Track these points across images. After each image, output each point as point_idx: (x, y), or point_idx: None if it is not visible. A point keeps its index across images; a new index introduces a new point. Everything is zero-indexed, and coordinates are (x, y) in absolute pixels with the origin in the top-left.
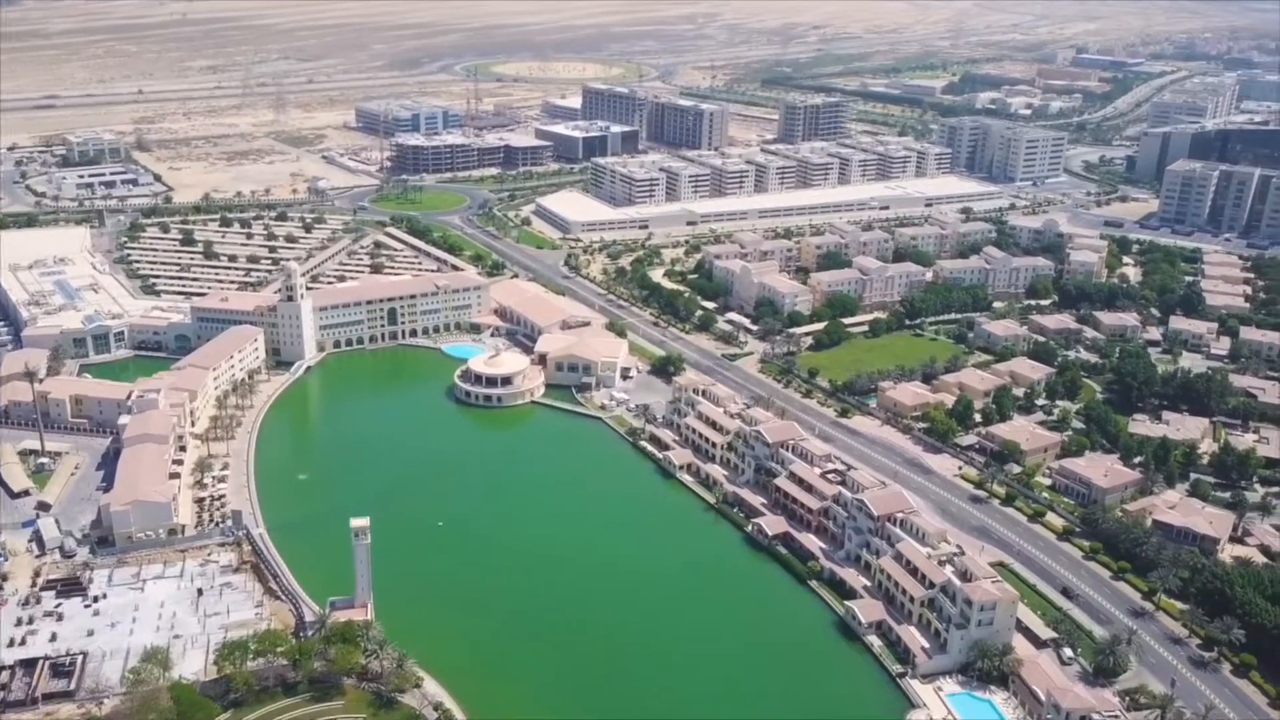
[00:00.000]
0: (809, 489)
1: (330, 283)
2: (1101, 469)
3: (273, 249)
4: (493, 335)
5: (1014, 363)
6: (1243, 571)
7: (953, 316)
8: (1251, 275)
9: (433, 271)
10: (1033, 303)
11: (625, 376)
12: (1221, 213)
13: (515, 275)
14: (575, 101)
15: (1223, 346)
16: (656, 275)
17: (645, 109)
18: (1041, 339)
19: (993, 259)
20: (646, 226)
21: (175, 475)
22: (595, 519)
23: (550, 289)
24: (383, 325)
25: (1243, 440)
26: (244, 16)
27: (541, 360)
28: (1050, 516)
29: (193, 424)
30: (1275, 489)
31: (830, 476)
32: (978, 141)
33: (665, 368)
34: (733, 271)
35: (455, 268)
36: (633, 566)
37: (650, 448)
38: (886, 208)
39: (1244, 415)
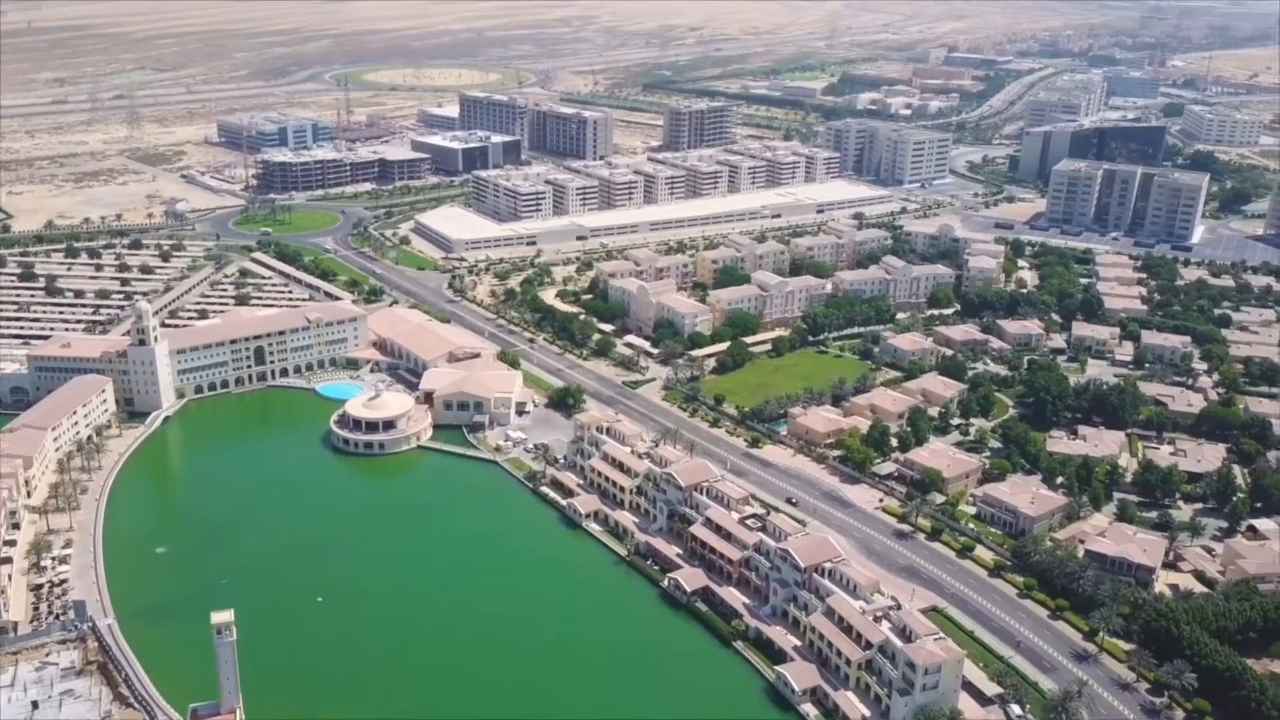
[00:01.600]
0: (728, 537)
1: (190, 319)
2: (1027, 495)
3: (125, 282)
4: (372, 371)
5: (925, 380)
6: (1187, 606)
7: (856, 331)
8: (1144, 275)
9: (305, 300)
10: (935, 312)
11: (521, 412)
12: (1107, 211)
13: (395, 301)
14: (453, 110)
15: (1126, 352)
16: (549, 296)
17: (526, 117)
18: (949, 352)
19: (893, 269)
20: (534, 243)
21: (5, 560)
22: (494, 579)
23: (434, 316)
24: (249, 366)
25: (1160, 454)
26: (96, 24)
27: (427, 399)
28: (980, 550)
29: (28, 495)
30: (1198, 504)
31: (750, 522)
32: (864, 144)
33: (564, 400)
34: (629, 291)
35: (330, 295)
36: (538, 633)
37: (552, 494)
38: (778, 215)
39: (1158, 426)
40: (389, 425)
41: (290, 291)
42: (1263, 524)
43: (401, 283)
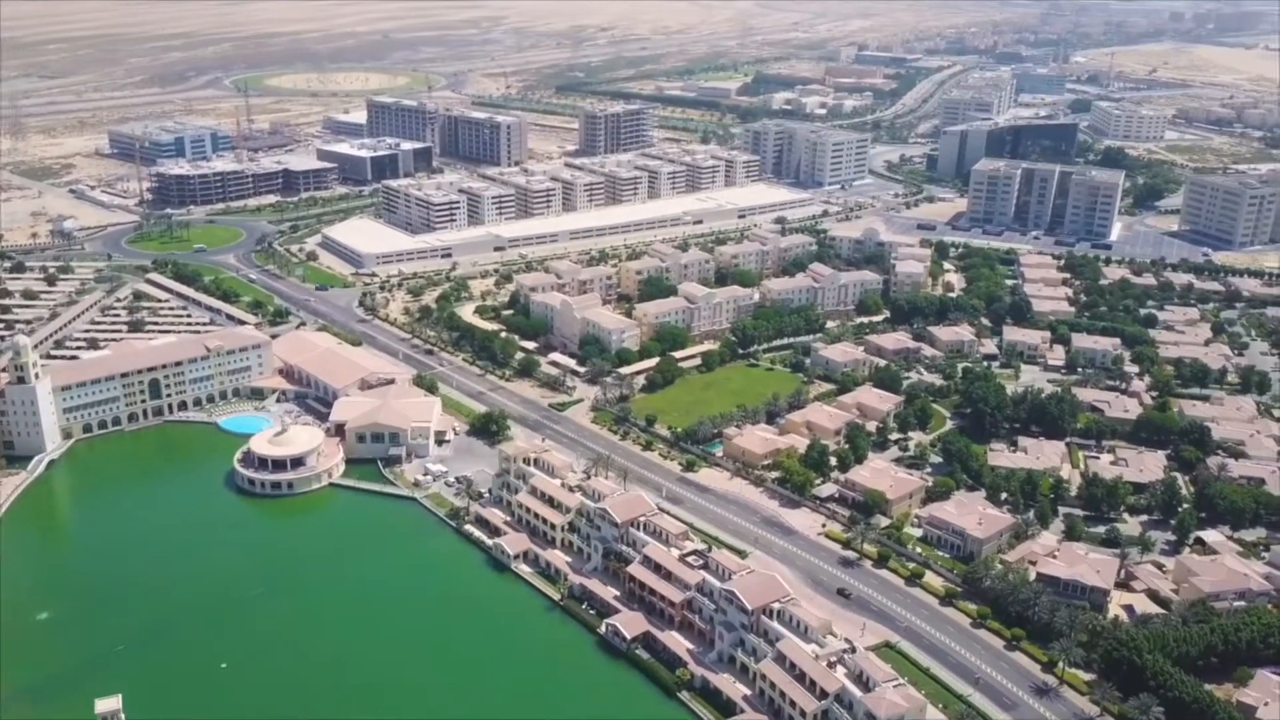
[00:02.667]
0: (668, 577)
1: (78, 349)
2: (974, 515)
3: (5, 310)
4: (279, 401)
5: (860, 393)
6: (1148, 633)
7: (787, 342)
8: (1068, 275)
9: (205, 325)
10: (864, 320)
11: (440, 442)
12: (1027, 210)
13: (303, 324)
14: (360, 116)
15: (1058, 356)
16: (466, 313)
17: (437, 123)
18: (881, 362)
19: (820, 277)
20: (449, 255)
21: None
22: (416, 630)
23: (345, 339)
24: (144, 400)
25: (1101, 464)
26: None
27: (339, 431)
28: (929, 576)
29: None
30: (1144, 516)
31: (691, 559)
32: (783, 146)
33: (487, 427)
34: (552, 307)
35: (231, 319)
36: (466, 688)
37: (477, 532)
38: (700, 221)
39: (1096, 434)
40: (297, 462)
41: (189, 315)
42: (1210, 535)
43: (309, 302)
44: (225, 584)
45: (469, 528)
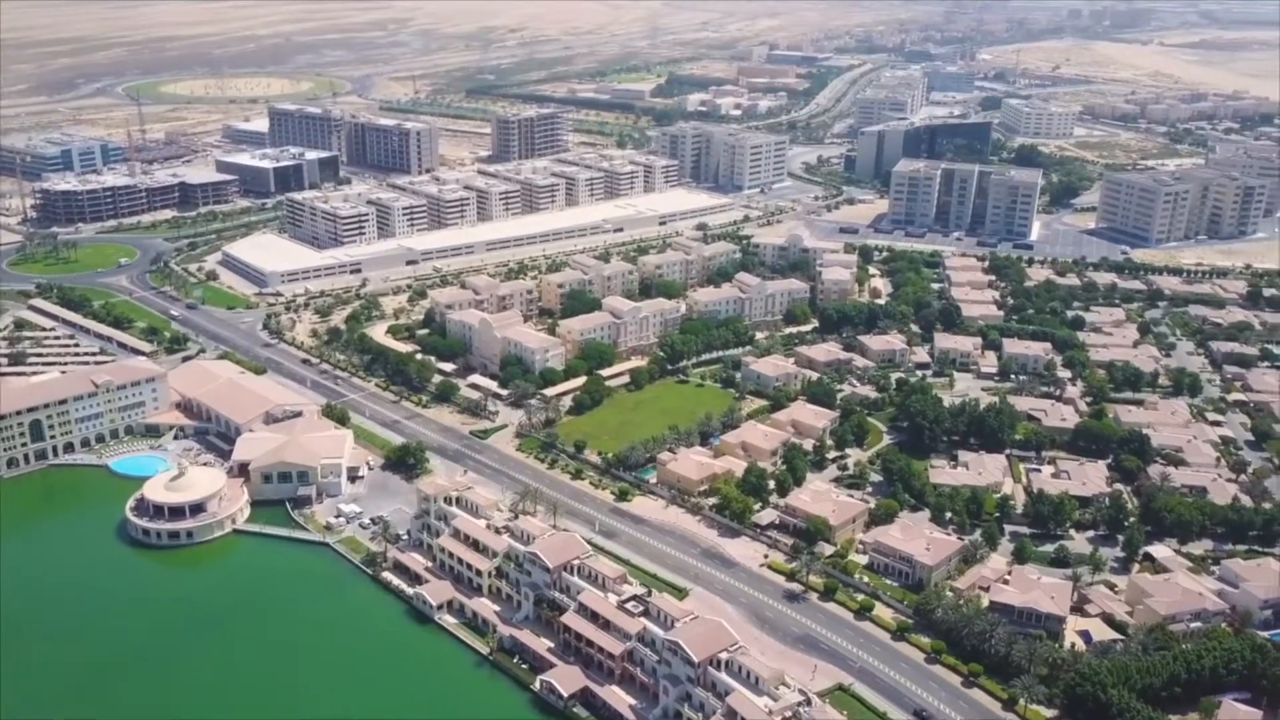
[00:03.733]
0: (606, 626)
1: None
2: (921, 540)
3: None
4: (177, 438)
5: (794, 409)
6: (1110, 665)
7: (716, 355)
8: (993, 278)
9: (94, 355)
10: (793, 330)
11: (354, 478)
12: (948, 210)
13: (202, 351)
14: (262, 124)
15: (990, 363)
16: (379, 333)
17: (343, 130)
18: (814, 375)
19: (747, 287)
20: (359, 270)
21: None
22: (332, 691)
23: (248, 367)
24: (25, 444)
25: (1043, 477)
26: None
27: (242, 471)
28: (879, 609)
29: None
30: (1090, 531)
31: (631, 606)
32: (700, 149)
33: (404, 460)
34: (471, 325)
35: (124, 348)
36: None
37: (396, 580)
38: (620, 229)
39: (1036, 445)
40: (197, 509)
41: (77, 345)
42: (1159, 551)
43: (209, 327)
44: (116, 648)
45: (387, 575)
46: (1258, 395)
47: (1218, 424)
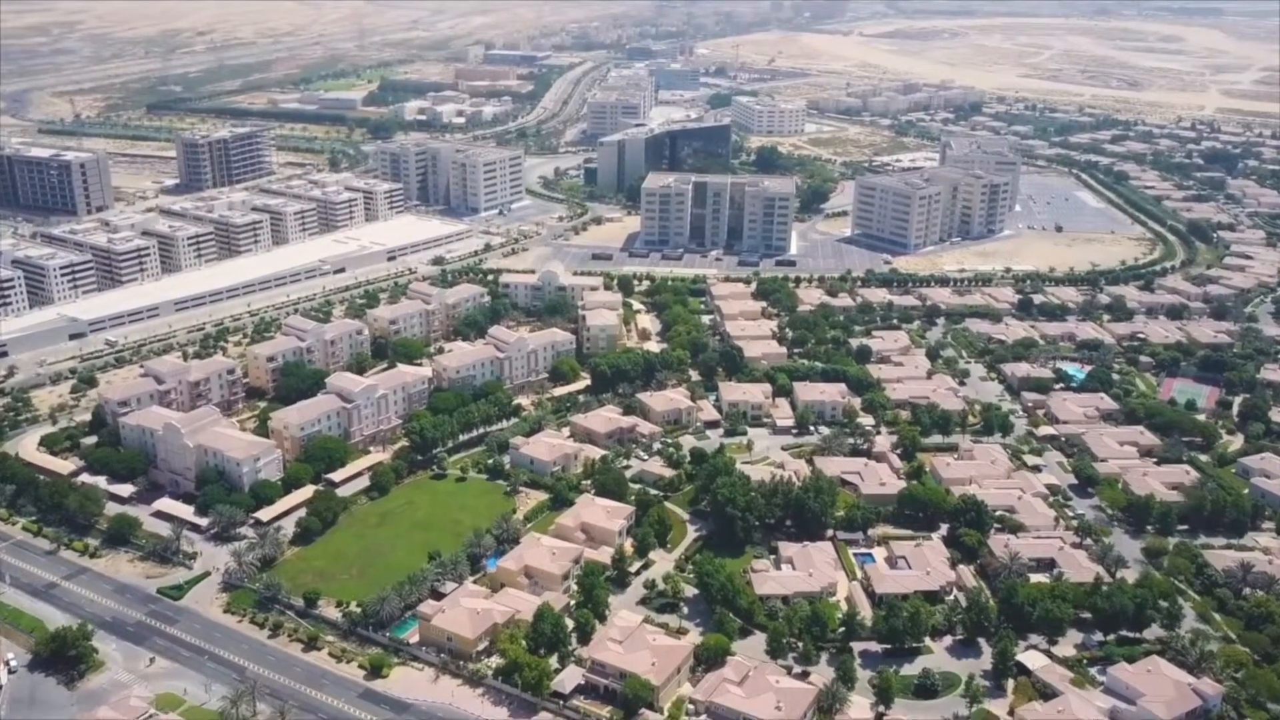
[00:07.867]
0: None
1: None
2: (767, 694)
3: None
4: None
5: (582, 508)
6: None
7: (479, 433)
8: (764, 304)
9: None
10: (562, 393)
11: None
12: (703, 225)
13: None
14: None
15: (785, 413)
16: (27, 448)
17: None
18: (597, 454)
19: (504, 344)
20: (4, 354)
21: None
22: None
23: None
24: None
25: (880, 569)
26: None
27: None
28: None
29: None
30: (946, 638)
31: None
32: (426, 168)
33: (62, 653)
34: (153, 430)
35: None
36: None
37: None
38: (343, 269)
39: (862, 524)
40: None
41: None
42: (1032, 659)
43: None
44: None
45: None
46: (1065, 426)
47: (1037, 468)
